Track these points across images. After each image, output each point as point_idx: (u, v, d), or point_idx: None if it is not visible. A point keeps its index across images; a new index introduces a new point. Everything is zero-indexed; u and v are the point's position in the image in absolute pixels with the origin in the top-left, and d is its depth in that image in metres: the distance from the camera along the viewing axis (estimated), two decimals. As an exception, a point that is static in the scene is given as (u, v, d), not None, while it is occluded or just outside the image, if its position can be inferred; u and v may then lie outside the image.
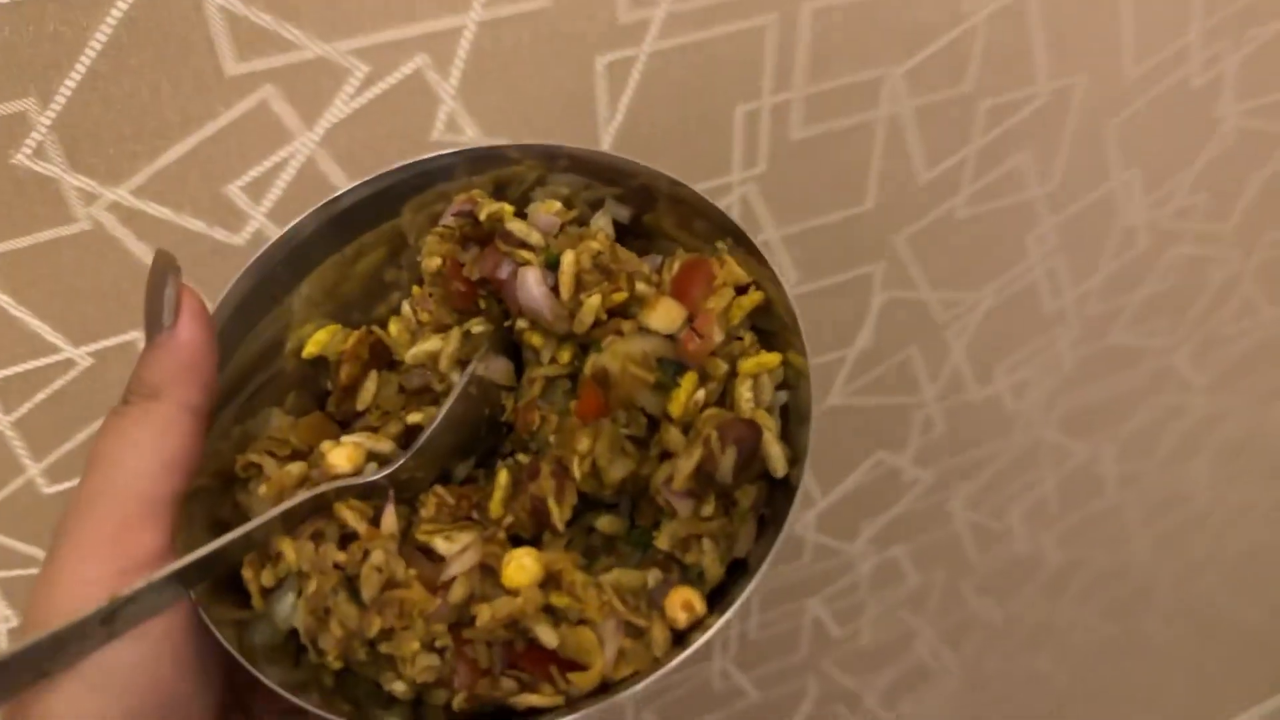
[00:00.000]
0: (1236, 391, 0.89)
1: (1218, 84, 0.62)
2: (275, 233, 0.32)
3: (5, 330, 0.40)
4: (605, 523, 0.33)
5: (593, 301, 0.31)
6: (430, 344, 0.33)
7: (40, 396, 0.42)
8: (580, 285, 0.31)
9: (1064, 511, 0.91)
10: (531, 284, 0.31)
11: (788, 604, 0.81)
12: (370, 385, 0.34)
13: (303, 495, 0.29)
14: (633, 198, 0.33)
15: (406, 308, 0.34)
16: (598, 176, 0.33)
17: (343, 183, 0.41)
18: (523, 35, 0.40)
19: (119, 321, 0.41)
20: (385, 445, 0.32)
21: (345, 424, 0.34)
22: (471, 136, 0.42)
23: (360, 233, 0.33)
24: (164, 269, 0.29)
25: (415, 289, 0.34)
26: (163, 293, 0.29)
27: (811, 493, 0.72)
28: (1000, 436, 0.78)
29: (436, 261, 0.32)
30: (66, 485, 0.46)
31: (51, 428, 0.44)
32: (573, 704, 0.29)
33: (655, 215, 0.33)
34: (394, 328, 0.34)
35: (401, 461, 0.31)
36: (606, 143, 0.45)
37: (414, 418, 0.33)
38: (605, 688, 0.29)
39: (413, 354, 0.33)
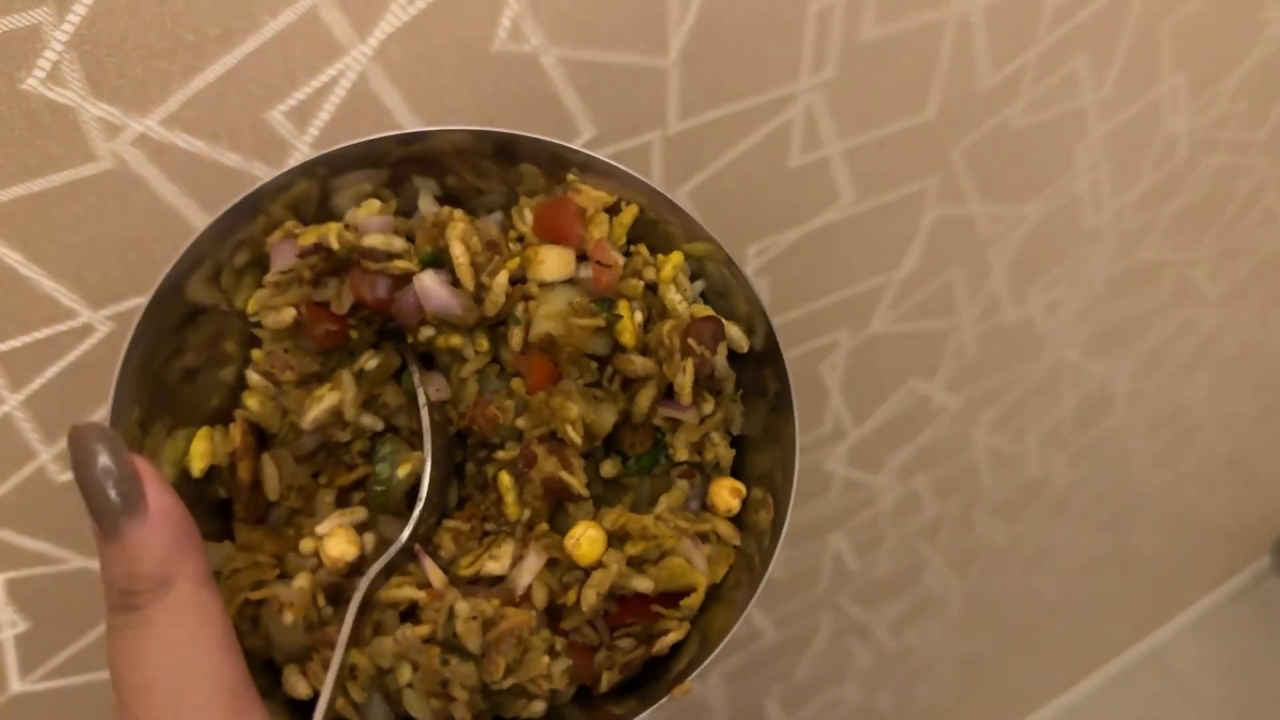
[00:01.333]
0: (1243, 304, 0.88)
1: (1264, -21, 0.59)
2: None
3: (14, 292, 0.34)
4: (607, 468, 0.32)
5: (500, 279, 0.29)
6: (326, 401, 0.29)
7: (53, 370, 0.37)
8: (478, 263, 0.29)
9: (1076, 433, 0.89)
10: (432, 286, 0.29)
11: (813, 540, 0.78)
12: (272, 471, 0.31)
13: (353, 611, 0.27)
14: (420, 168, 0.30)
15: (255, 376, 0.31)
16: (373, 164, 0.30)
17: (396, 104, 0.35)
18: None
19: (143, 278, 0.35)
20: (359, 515, 0.30)
21: (262, 522, 0.31)
22: (536, 45, 0.37)
23: (160, 329, 0.29)
24: (96, 443, 0.24)
25: (255, 353, 0.31)
26: (101, 472, 0.24)
27: (844, 425, 0.68)
28: (1028, 359, 0.75)
29: (290, 313, 0.29)
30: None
31: (66, 406, 0.38)
32: (699, 623, 0.30)
33: (458, 176, 0.31)
34: (253, 401, 0.30)
35: (416, 517, 0.29)
36: (674, 50, 0.40)
37: (346, 479, 0.31)
38: (713, 595, 0.31)
39: (312, 418, 0.30)
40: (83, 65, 0.30)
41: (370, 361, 0.30)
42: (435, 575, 0.29)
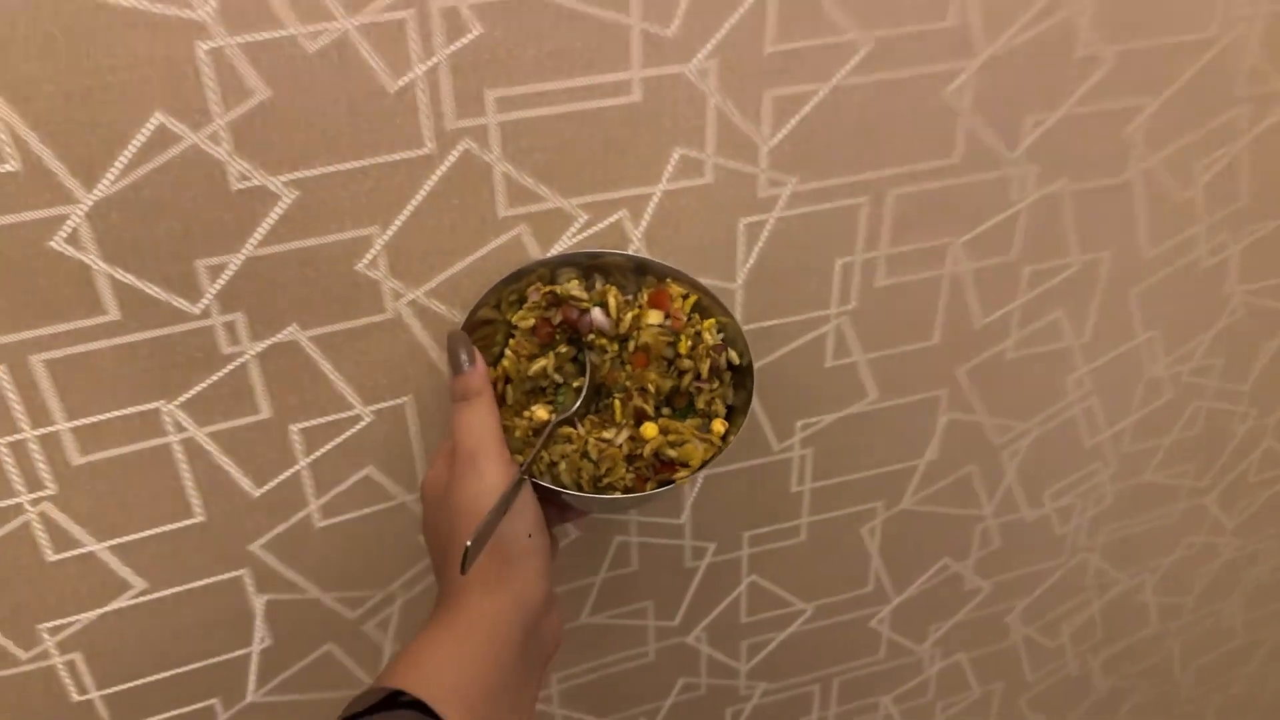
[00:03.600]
0: (1262, 536, 1.01)
1: (1223, 267, 0.78)
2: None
3: (323, 389, 0.57)
4: (666, 411, 0.59)
5: (629, 317, 0.57)
6: (539, 364, 0.58)
7: (332, 444, 0.60)
8: (619, 310, 0.57)
9: (1110, 638, 1.02)
10: (599, 316, 0.57)
11: (864, 699, 0.93)
12: (508, 393, 0.59)
13: (548, 429, 0.56)
14: (600, 270, 0.60)
15: (509, 352, 0.58)
16: (574, 265, 0.59)
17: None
18: (691, 200, 0.59)
19: (399, 388, 0.59)
20: (547, 411, 0.58)
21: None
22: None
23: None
24: (461, 336, 0.56)
25: (511, 341, 0.59)
26: (459, 348, 0.55)
27: (886, 590, 0.85)
28: (1050, 557, 0.90)
29: (530, 320, 0.58)
30: (334, 520, 0.63)
31: (334, 472, 0.61)
32: (693, 472, 0.57)
33: (615, 275, 0.60)
34: (506, 362, 0.58)
35: (576, 406, 0.58)
36: (740, 278, 0.63)
37: (541, 403, 0.59)
38: (703, 465, 0.57)
39: (533, 371, 0.58)
40: (388, 256, 0.54)
41: (563, 348, 0.58)
42: (582, 428, 0.57)
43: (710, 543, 0.75)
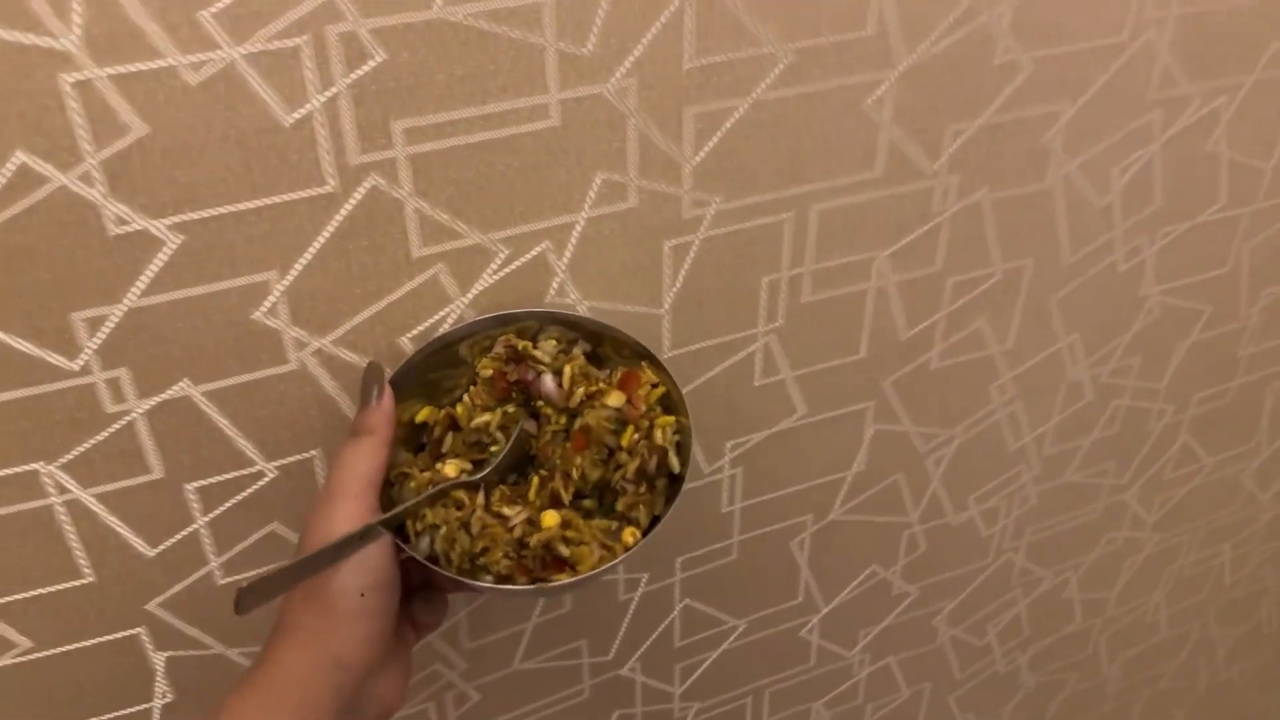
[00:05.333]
0: (1183, 529, 1.03)
1: (1140, 269, 0.78)
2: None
3: (219, 446, 0.53)
4: (588, 503, 0.55)
5: (580, 391, 0.54)
6: (484, 417, 0.54)
7: (232, 501, 0.55)
8: (574, 382, 0.54)
9: (1037, 635, 1.03)
10: (549, 383, 0.54)
11: (796, 706, 0.92)
12: (449, 440, 0.55)
13: (437, 488, 0.52)
14: (591, 338, 0.57)
15: (467, 398, 0.55)
16: (572, 327, 0.56)
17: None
18: (615, 226, 0.56)
19: (304, 442, 0.55)
20: (467, 465, 0.54)
21: (432, 455, 0.56)
22: (574, 299, 0.57)
23: (440, 362, 0.55)
24: (377, 370, 0.52)
25: (472, 388, 0.55)
26: (372, 382, 0.52)
27: (815, 600, 0.84)
28: (975, 559, 0.90)
29: (489, 371, 0.55)
30: (236, 577, 0.58)
31: (235, 530, 0.56)
32: (577, 580, 0.51)
33: (603, 347, 0.57)
34: (460, 409, 0.55)
35: (486, 472, 0.52)
36: (667, 303, 0.60)
37: (477, 457, 0.55)
38: (591, 575, 0.52)
39: (475, 423, 0.54)
40: (289, 303, 0.50)
41: (510, 408, 0.55)
42: (478, 499, 0.52)
43: (643, 573, 0.73)
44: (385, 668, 0.50)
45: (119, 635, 0.57)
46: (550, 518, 0.52)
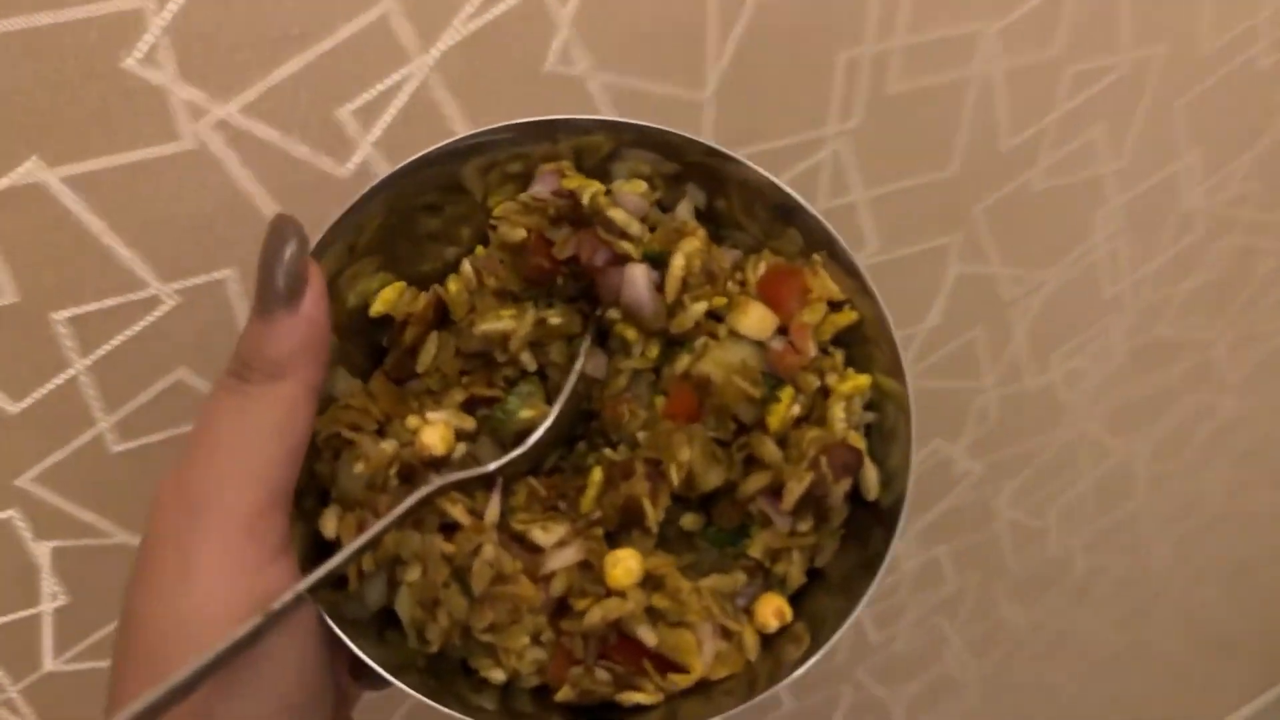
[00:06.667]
0: (1260, 394, 0.89)
1: None
2: (379, 168, 0.32)
3: (92, 258, 0.37)
4: (688, 520, 0.32)
5: (698, 308, 0.31)
6: (503, 324, 0.31)
7: (120, 338, 0.40)
8: (684, 287, 0.30)
9: (1097, 514, 0.90)
10: (639, 281, 0.30)
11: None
12: (431, 348, 0.33)
13: (411, 500, 0.28)
14: (701, 178, 0.32)
15: (468, 267, 0.33)
16: (667, 154, 0.32)
17: (454, 113, 0.39)
18: (645, -42, 0.39)
19: (214, 257, 0.39)
20: (469, 423, 0.31)
21: (400, 383, 0.33)
22: (583, 70, 0.40)
23: (424, 188, 0.31)
24: (286, 234, 0.27)
25: (480, 249, 0.33)
26: (282, 261, 0.27)
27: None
28: (1048, 430, 0.76)
29: (521, 233, 0.31)
30: (136, 443, 0.43)
31: (128, 374, 0.41)
32: (671, 701, 0.30)
33: (728, 201, 0.32)
34: (453, 286, 0.33)
35: (513, 456, 0.30)
36: (711, 85, 0.44)
37: (482, 391, 0.32)
38: (700, 687, 0.30)
39: (483, 331, 0.32)
40: (176, 49, 0.34)
41: (555, 318, 0.32)
42: (491, 513, 0.30)
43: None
44: None
45: (-14, 521, 0.43)
46: (627, 568, 0.29)
